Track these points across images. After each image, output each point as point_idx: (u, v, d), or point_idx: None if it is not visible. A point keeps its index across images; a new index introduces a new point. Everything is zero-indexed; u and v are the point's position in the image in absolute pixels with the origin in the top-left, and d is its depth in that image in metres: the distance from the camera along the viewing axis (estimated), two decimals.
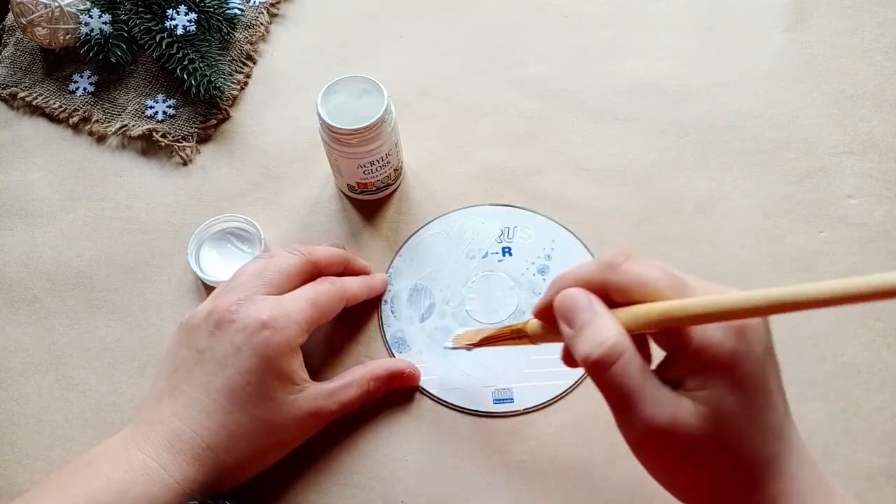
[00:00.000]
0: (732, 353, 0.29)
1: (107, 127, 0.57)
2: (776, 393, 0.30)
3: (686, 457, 0.30)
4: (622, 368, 0.29)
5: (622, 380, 0.29)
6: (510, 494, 0.43)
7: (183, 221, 0.53)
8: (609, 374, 0.29)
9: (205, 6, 0.57)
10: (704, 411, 0.29)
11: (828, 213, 0.51)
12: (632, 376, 0.29)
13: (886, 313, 0.47)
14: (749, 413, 0.29)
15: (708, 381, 0.29)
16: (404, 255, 0.51)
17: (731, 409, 0.29)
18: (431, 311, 0.49)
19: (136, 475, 0.37)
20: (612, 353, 0.29)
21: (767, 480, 0.30)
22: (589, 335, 0.30)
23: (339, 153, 0.48)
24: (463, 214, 0.52)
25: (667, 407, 0.29)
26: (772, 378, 0.30)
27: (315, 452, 0.44)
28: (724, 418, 0.29)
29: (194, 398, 0.39)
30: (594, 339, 0.29)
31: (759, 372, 0.29)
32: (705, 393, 0.29)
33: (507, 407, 0.46)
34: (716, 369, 0.29)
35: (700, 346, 0.29)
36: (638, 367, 0.29)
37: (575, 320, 0.31)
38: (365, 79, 0.47)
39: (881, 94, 0.55)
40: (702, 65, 0.58)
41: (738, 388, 0.29)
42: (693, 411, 0.29)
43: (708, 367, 0.29)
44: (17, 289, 0.51)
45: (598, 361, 0.29)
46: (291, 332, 0.40)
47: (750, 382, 0.29)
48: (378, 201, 0.53)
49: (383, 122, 0.46)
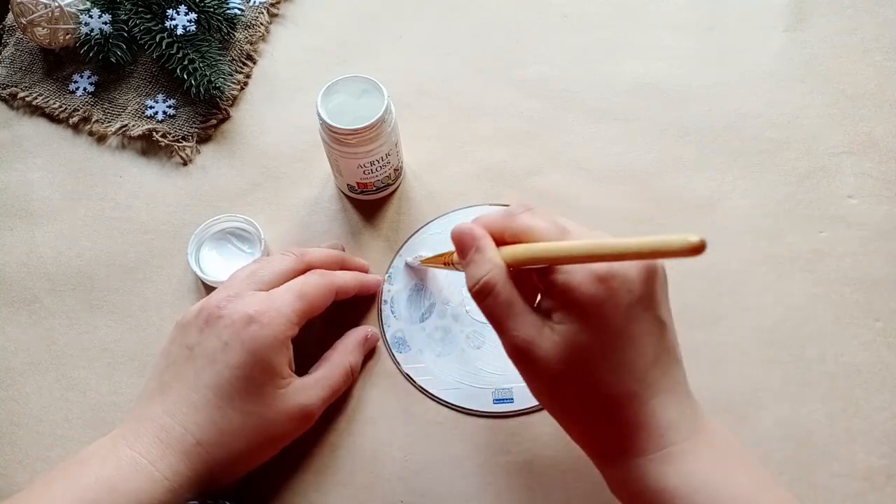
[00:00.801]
0: (591, 297, 0.32)
1: (107, 127, 0.57)
2: (642, 340, 0.33)
3: (543, 376, 0.34)
4: (494, 298, 0.34)
5: (494, 307, 0.34)
6: (510, 494, 0.43)
7: (183, 221, 0.53)
8: (485, 303, 0.35)
9: (205, 6, 0.57)
10: (559, 341, 0.33)
11: (828, 213, 0.51)
12: (502, 304, 0.34)
13: (886, 313, 0.47)
14: (601, 351, 0.33)
15: (567, 318, 0.33)
16: (404, 254, 0.51)
17: (582, 345, 0.33)
18: (431, 310, 0.49)
19: (124, 471, 0.37)
20: (487, 285, 0.34)
21: (624, 414, 0.33)
22: (472, 270, 0.35)
23: (339, 153, 0.48)
24: (463, 214, 0.52)
25: (528, 330, 0.34)
26: (638, 326, 0.33)
27: (315, 452, 0.44)
28: (574, 350, 0.33)
29: (184, 394, 0.39)
30: (475, 275, 0.35)
31: (619, 318, 0.33)
32: (563, 327, 0.33)
33: (508, 407, 0.46)
34: (575, 309, 0.33)
35: (565, 287, 0.33)
36: (507, 295, 0.34)
37: (465, 255, 0.36)
38: (365, 79, 0.47)
39: (881, 94, 0.55)
40: (702, 65, 0.58)
41: (592, 329, 0.33)
42: (550, 338, 0.33)
43: (570, 306, 0.33)
44: (17, 289, 0.51)
45: (476, 292, 0.35)
46: (279, 325, 0.40)
47: (606, 326, 0.33)
48: (378, 201, 0.53)
49: (383, 123, 0.46)
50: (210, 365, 0.39)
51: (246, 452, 0.40)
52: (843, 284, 0.48)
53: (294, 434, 0.42)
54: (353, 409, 0.46)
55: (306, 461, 0.44)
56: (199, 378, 0.39)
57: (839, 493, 0.42)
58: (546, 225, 0.35)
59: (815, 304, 0.48)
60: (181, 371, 0.40)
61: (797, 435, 0.44)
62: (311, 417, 0.42)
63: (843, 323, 0.47)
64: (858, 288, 0.48)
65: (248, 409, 0.39)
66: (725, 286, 0.49)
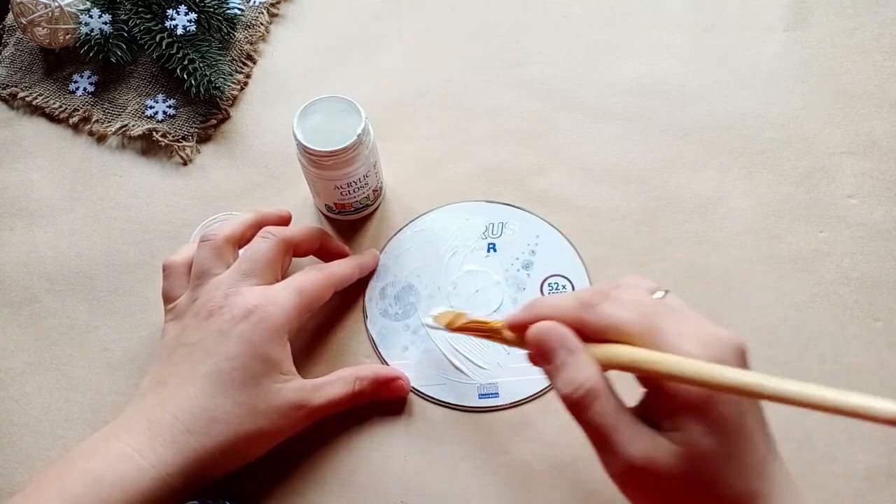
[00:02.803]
0: (705, 396, 0.30)
1: (107, 127, 0.57)
2: (756, 433, 0.31)
3: (664, 494, 0.31)
4: (599, 409, 0.31)
5: (600, 419, 0.31)
6: (510, 494, 0.43)
7: (183, 221, 0.53)
8: (588, 415, 0.31)
9: (205, 6, 0.57)
10: (679, 451, 0.30)
11: (828, 213, 0.51)
12: (608, 415, 0.31)
13: (886, 313, 0.47)
14: (725, 453, 0.30)
15: (682, 423, 0.30)
16: (389, 252, 0.51)
17: (705, 450, 0.30)
18: (416, 307, 0.49)
19: (111, 463, 0.37)
20: (590, 395, 0.31)
21: None
22: (567, 376, 0.32)
23: (315, 174, 0.47)
24: (448, 210, 0.52)
25: (643, 445, 0.30)
26: (750, 419, 0.31)
27: (315, 452, 0.44)
28: (699, 458, 0.30)
29: (179, 387, 0.39)
30: (573, 380, 0.31)
31: (734, 414, 0.30)
32: (680, 434, 0.30)
33: (493, 402, 0.46)
34: (689, 412, 0.30)
35: (673, 389, 0.30)
36: (613, 407, 0.31)
37: (553, 358, 0.33)
38: (342, 99, 0.46)
39: (881, 94, 0.55)
40: (702, 65, 0.58)
41: (712, 430, 0.30)
42: (669, 450, 0.30)
43: (681, 409, 0.30)
44: (17, 289, 0.51)
45: (577, 403, 0.31)
46: (277, 318, 0.41)
47: (725, 424, 0.30)
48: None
49: (360, 144, 0.45)
50: (208, 357, 0.40)
51: (236, 444, 0.39)
52: (843, 284, 0.48)
53: (286, 432, 0.41)
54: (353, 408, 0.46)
55: (306, 461, 0.44)
56: (195, 370, 0.40)
57: (839, 493, 0.42)
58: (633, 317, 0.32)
59: (815, 304, 0.48)
60: (178, 367, 0.40)
61: (797, 435, 0.44)
62: (306, 419, 0.42)
63: (843, 323, 0.47)
64: (858, 288, 0.48)
65: (242, 399, 0.39)
66: (725, 286, 0.49)
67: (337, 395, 0.43)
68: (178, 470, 0.38)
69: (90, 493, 0.36)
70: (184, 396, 0.39)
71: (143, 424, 0.38)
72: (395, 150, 0.54)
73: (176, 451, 0.38)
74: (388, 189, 0.54)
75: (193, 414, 0.38)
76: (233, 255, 0.45)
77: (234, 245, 0.45)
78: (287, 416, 0.41)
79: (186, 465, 0.38)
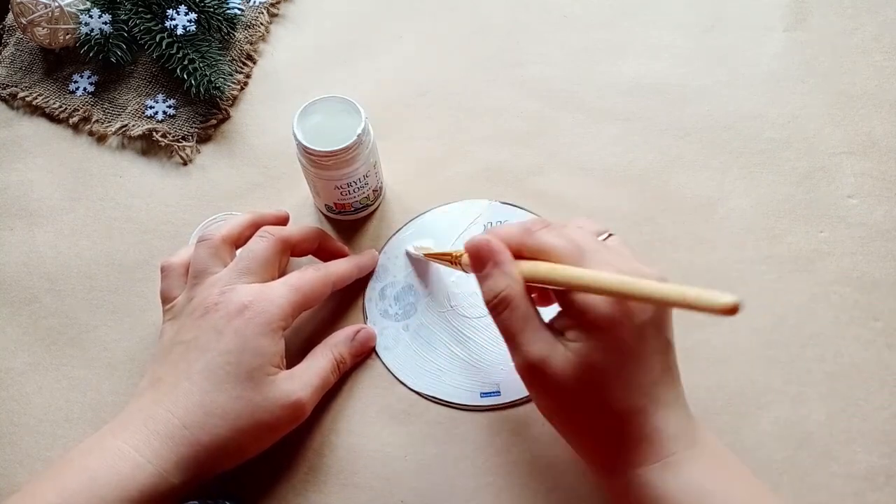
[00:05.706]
0: (607, 317, 0.34)
1: (107, 127, 0.57)
2: (652, 359, 0.35)
3: (557, 395, 0.36)
4: (510, 314, 0.36)
5: (509, 322, 0.36)
6: (510, 494, 0.43)
7: (183, 221, 0.53)
8: (500, 318, 0.36)
9: (205, 6, 0.57)
10: (572, 359, 0.34)
11: (828, 213, 0.51)
12: (517, 320, 0.35)
13: (886, 313, 0.47)
14: (615, 370, 0.34)
15: (583, 337, 0.34)
16: (389, 252, 0.51)
17: (596, 363, 0.34)
18: (416, 307, 0.49)
19: (107, 460, 0.37)
20: (504, 302, 0.36)
21: (631, 427, 0.35)
22: (489, 284, 0.37)
23: (315, 174, 0.47)
24: (448, 210, 0.52)
25: (541, 346, 0.35)
26: (649, 345, 0.35)
27: (315, 452, 0.44)
28: (588, 368, 0.34)
29: (175, 384, 0.40)
30: (493, 288, 0.36)
31: (632, 339, 0.34)
32: (578, 345, 0.34)
33: (495, 400, 0.46)
34: (592, 329, 0.34)
35: (582, 306, 0.34)
36: (523, 313, 0.36)
37: (481, 268, 0.37)
38: (342, 99, 0.46)
39: (881, 94, 0.55)
40: (702, 65, 0.58)
41: (606, 347, 0.34)
42: (563, 356, 0.34)
43: (586, 326, 0.34)
44: (17, 289, 0.51)
45: (493, 308, 0.36)
46: (272, 314, 0.41)
47: (620, 345, 0.34)
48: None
49: (360, 144, 0.45)
50: (203, 353, 0.40)
51: (233, 438, 0.39)
52: (843, 284, 0.48)
53: (284, 425, 0.41)
54: (353, 408, 0.46)
55: (306, 461, 0.44)
56: (191, 367, 0.40)
57: (839, 493, 0.42)
58: (564, 244, 0.36)
59: (815, 304, 0.48)
60: (175, 365, 0.40)
61: (797, 435, 0.44)
62: (303, 409, 0.42)
63: (843, 323, 0.47)
64: (858, 288, 0.48)
65: (237, 393, 0.39)
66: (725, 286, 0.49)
67: (325, 368, 0.44)
68: (174, 466, 0.38)
69: (87, 491, 0.36)
70: (179, 392, 0.39)
71: (139, 422, 0.38)
72: (395, 150, 0.54)
73: (172, 446, 0.38)
74: (388, 189, 0.54)
75: (189, 409, 0.39)
76: (230, 255, 0.45)
77: (232, 245, 0.45)
78: (283, 407, 0.41)
79: (183, 460, 0.38)
